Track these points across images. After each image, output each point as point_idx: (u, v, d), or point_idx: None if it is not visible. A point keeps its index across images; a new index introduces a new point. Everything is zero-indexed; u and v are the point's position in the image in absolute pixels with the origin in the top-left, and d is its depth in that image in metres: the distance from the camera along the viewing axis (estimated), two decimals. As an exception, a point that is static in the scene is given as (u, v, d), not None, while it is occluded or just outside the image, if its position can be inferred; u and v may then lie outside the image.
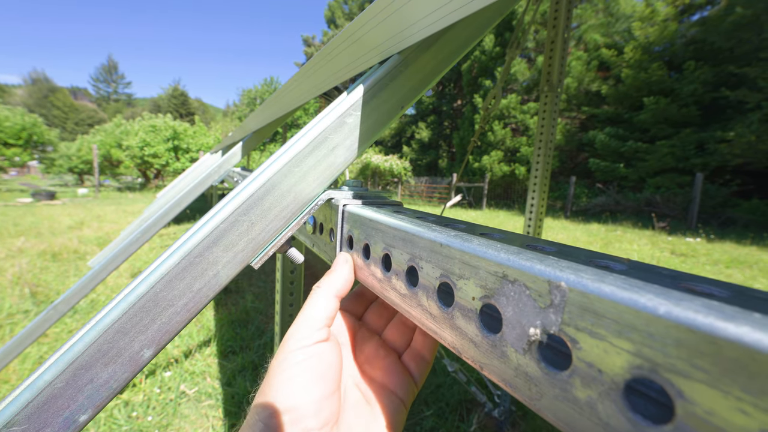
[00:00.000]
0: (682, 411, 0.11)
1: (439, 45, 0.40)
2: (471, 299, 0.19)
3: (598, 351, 0.13)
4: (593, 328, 0.13)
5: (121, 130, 18.52)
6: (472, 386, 1.68)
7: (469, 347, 0.19)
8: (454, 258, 0.20)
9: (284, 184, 0.33)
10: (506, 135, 15.61)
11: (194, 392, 2.03)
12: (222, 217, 0.31)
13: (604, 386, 0.13)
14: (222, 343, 2.57)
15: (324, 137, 0.35)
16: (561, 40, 1.56)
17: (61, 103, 49.48)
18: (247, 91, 35.03)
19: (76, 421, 0.29)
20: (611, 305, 0.13)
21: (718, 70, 10.36)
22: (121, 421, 1.77)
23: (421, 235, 0.23)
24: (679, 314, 0.11)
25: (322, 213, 0.40)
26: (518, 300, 0.16)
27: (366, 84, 0.37)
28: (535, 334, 0.15)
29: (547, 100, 1.64)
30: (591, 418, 0.13)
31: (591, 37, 14.12)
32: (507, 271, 0.17)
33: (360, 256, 0.32)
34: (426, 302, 0.22)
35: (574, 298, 0.14)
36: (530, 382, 0.16)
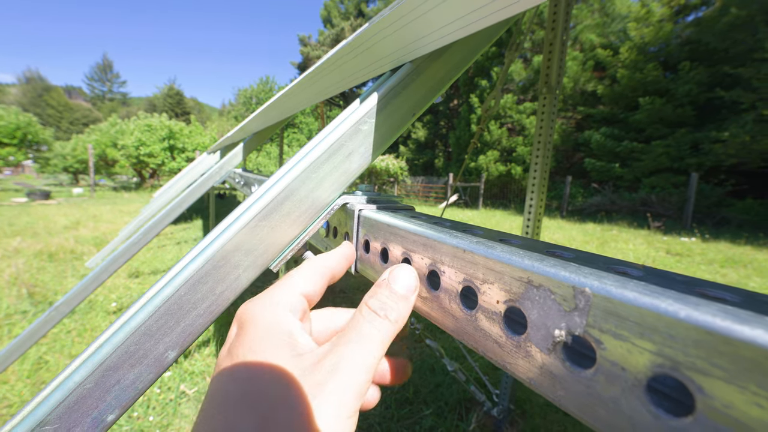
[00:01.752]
0: (702, 405, 0.12)
1: (450, 54, 0.41)
2: (495, 303, 0.20)
3: (621, 351, 0.14)
4: (617, 330, 0.14)
5: (117, 130, 18.41)
6: (471, 385, 1.69)
7: (493, 347, 0.20)
8: (477, 264, 0.21)
9: (302, 189, 0.34)
10: (502, 135, 15.67)
11: (194, 392, 2.04)
12: (243, 222, 0.32)
13: (628, 383, 0.14)
14: (221, 344, 2.57)
15: (340, 144, 0.36)
16: (560, 42, 1.58)
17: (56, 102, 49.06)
18: (243, 91, 34.91)
19: (104, 421, 0.30)
20: (634, 309, 0.14)
21: (713, 71, 10.46)
22: (121, 421, 1.77)
23: (443, 241, 0.24)
24: (698, 318, 0.12)
25: (336, 217, 0.41)
26: (543, 304, 0.17)
27: (380, 92, 0.38)
28: (560, 335, 0.16)
29: (545, 102, 1.66)
30: (615, 412, 0.14)
31: (587, 37, 14.21)
32: (532, 276, 0.18)
33: (378, 261, 0.33)
34: (448, 305, 0.23)
35: (598, 303, 0.15)
36: (555, 380, 0.17)
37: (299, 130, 27.81)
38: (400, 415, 1.88)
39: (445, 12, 0.32)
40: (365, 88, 0.43)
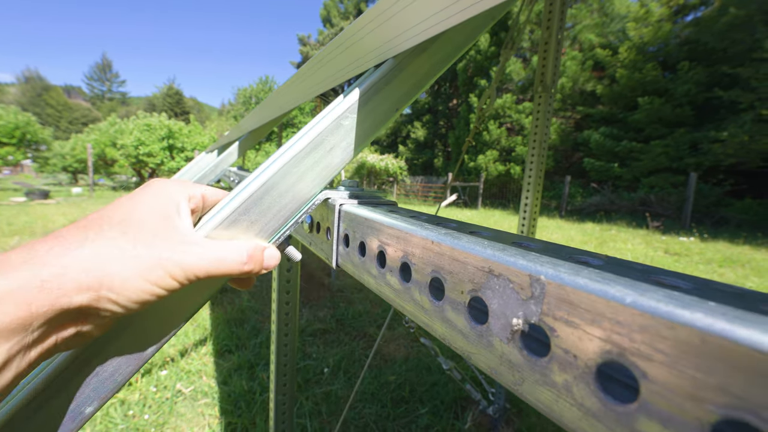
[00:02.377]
0: (646, 390, 0.12)
1: (433, 49, 0.41)
2: (460, 293, 0.20)
3: (573, 338, 0.14)
4: (569, 317, 0.14)
5: (116, 129, 18.38)
6: (467, 384, 1.69)
7: (458, 338, 0.20)
8: (444, 254, 0.21)
9: (283, 184, 0.34)
10: (501, 134, 15.67)
11: (190, 391, 2.04)
12: (224, 216, 0.32)
13: (579, 370, 0.14)
14: (218, 342, 2.57)
15: (321, 139, 0.36)
16: (555, 42, 1.58)
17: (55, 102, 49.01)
18: (243, 90, 34.88)
19: (82, 413, 0.30)
20: (585, 296, 0.14)
21: (711, 71, 10.46)
22: (117, 420, 1.77)
23: (414, 233, 0.24)
24: (643, 303, 0.12)
25: (319, 212, 0.41)
26: (503, 293, 0.17)
27: (362, 87, 0.38)
28: (517, 324, 0.16)
29: (541, 101, 1.66)
30: (567, 399, 0.14)
31: (586, 37, 14.21)
32: (492, 266, 0.18)
33: (356, 255, 0.33)
34: (419, 296, 0.23)
35: (552, 291, 0.15)
36: (513, 369, 0.17)
37: (298, 129, 27.73)
38: (396, 413, 1.88)
39: (424, 5, 0.32)
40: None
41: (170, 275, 0.26)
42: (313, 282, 3.93)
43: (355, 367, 2.30)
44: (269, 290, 3.58)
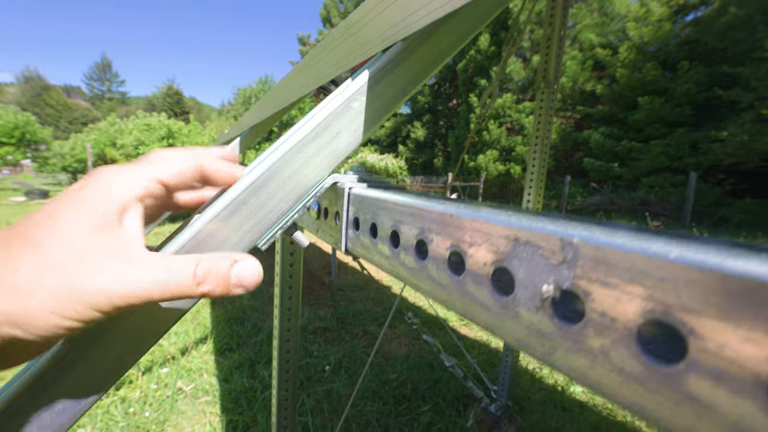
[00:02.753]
0: (694, 348, 0.11)
1: (441, 33, 0.41)
2: (482, 265, 0.19)
3: (610, 300, 0.14)
4: (606, 278, 0.14)
5: (116, 129, 18.33)
6: (469, 382, 1.69)
7: (480, 312, 0.19)
8: (464, 227, 0.20)
9: (289, 167, 0.34)
10: (501, 134, 15.67)
11: (191, 389, 2.03)
12: (231, 197, 0.31)
13: (617, 334, 0.13)
14: (218, 341, 2.56)
15: (328, 122, 0.35)
16: (557, 37, 1.57)
17: (55, 102, 48.96)
18: (242, 90, 34.85)
19: (86, 399, 0.29)
20: (623, 255, 0.13)
21: (711, 70, 10.47)
22: (117, 417, 1.76)
23: (431, 209, 0.23)
24: (690, 256, 0.12)
25: (327, 198, 0.40)
26: (530, 260, 0.17)
27: (371, 69, 0.37)
28: (548, 291, 0.16)
29: (543, 97, 1.65)
30: (605, 365, 0.14)
31: (586, 36, 14.22)
32: (519, 233, 0.17)
33: (367, 237, 0.32)
34: (436, 273, 0.23)
35: (586, 253, 0.14)
36: (543, 338, 0.16)
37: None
38: (398, 411, 1.87)
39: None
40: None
41: (92, 307, 0.22)
42: (313, 281, 3.92)
43: (356, 365, 2.29)
44: (269, 289, 3.58)
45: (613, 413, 1.92)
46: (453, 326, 2.91)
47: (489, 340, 2.69)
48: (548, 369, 2.31)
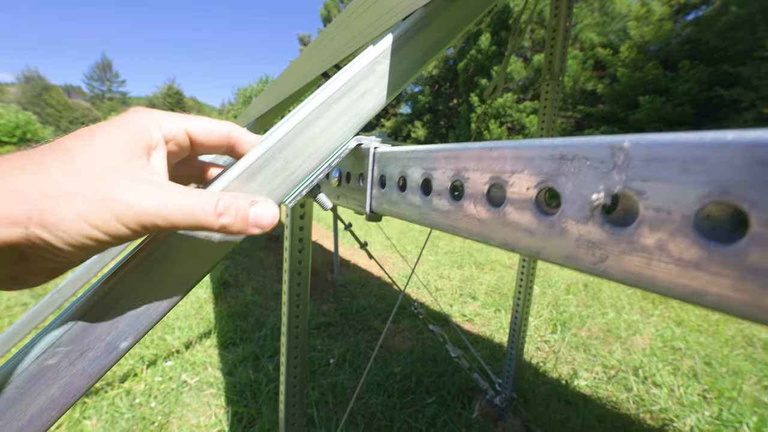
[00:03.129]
0: (756, 221, 0.12)
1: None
2: (525, 190, 0.20)
3: (665, 193, 0.14)
4: (660, 173, 0.14)
5: (116, 128, 18.37)
6: (474, 373, 1.69)
7: (522, 237, 0.20)
8: (505, 157, 0.21)
9: (317, 125, 0.34)
10: (502, 134, 15.66)
11: (196, 381, 2.03)
12: (258, 153, 0.32)
13: (674, 224, 0.14)
14: (222, 335, 2.57)
15: (355, 82, 0.36)
16: (563, 29, 1.58)
17: (55, 102, 49.01)
18: (243, 90, 34.92)
19: (118, 347, 0.30)
20: (678, 147, 0.14)
21: (712, 70, 10.47)
22: (123, 409, 1.76)
23: (467, 148, 0.24)
24: (746, 136, 0.12)
25: (350, 161, 0.41)
26: (578, 173, 0.17)
27: (395, 33, 0.38)
28: (598, 198, 0.16)
29: (548, 89, 1.65)
30: (662, 259, 0.14)
31: (586, 36, 14.22)
32: (565, 151, 0.18)
33: (395, 192, 0.33)
34: (474, 210, 0.23)
35: (638, 153, 0.15)
36: (594, 248, 0.16)
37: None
38: (403, 403, 1.88)
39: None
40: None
41: (118, 219, 0.22)
42: (316, 277, 3.93)
43: (360, 359, 2.29)
44: (272, 285, 3.58)
45: (617, 406, 1.93)
46: (456, 322, 2.91)
47: (492, 335, 2.69)
48: (552, 363, 2.31)
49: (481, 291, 3.61)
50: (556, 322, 2.90)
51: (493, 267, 4.48)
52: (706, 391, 2.07)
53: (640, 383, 2.12)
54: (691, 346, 2.59)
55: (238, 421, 1.74)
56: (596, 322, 2.96)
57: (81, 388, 0.29)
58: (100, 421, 1.71)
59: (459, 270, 4.34)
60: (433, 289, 3.64)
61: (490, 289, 3.69)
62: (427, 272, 4.23)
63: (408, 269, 4.23)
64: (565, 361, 2.36)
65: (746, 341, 2.67)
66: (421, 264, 4.56)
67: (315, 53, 0.67)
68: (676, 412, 1.88)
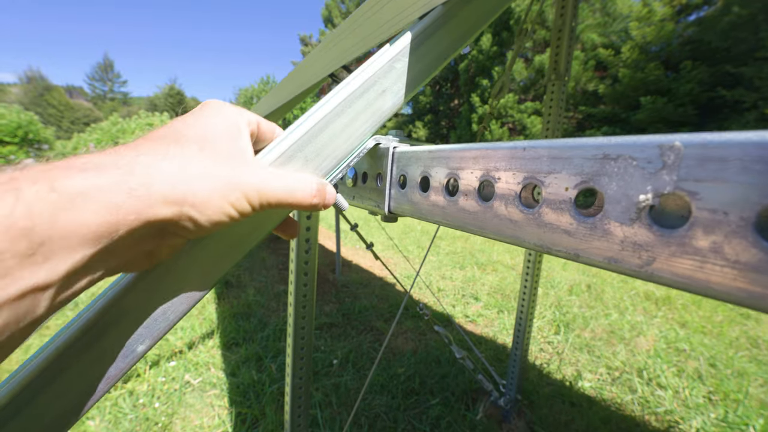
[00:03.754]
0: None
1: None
2: (564, 191, 0.19)
3: (722, 194, 0.14)
4: (716, 173, 0.14)
5: (118, 129, 18.41)
6: (478, 374, 1.68)
7: (561, 239, 0.19)
8: (541, 157, 0.20)
9: (337, 123, 0.34)
10: (504, 135, 15.66)
11: (198, 382, 2.03)
12: (280, 151, 0.31)
13: (731, 226, 0.13)
14: (225, 335, 2.57)
15: (374, 80, 0.35)
16: (568, 28, 1.57)
17: (57, 102, 49.12)
18: (244, 90, 34.96)
19: (135, 351, 0.30)
20: (735, 147, 0.13)
21: (714, 70, 10.45)
22: (126, 410, 1.76)
23: (498, 148, 0.23)
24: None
25: (366, 161, 0.40)
26: (623, 174, 0.17)
27: (413, 31, 0.37)
28: (645, 199, 0.16)
29: (554, 89, 1.65)
30: (717, 262, 0.14)
31: (588, 36, 14.21)
32: (608, 150, 0.17)
33: (416, 192, 0.32)
34: (505, 211, 0.23)
35: (690, 153, 0.14)
36: (640, 250, 0.16)
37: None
38: (407, 404, 1.87)
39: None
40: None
41: (247, 198, 0.26)
42: (318, 277, 3.92)
43: (363, 360, 2.29)
44: (274, 285, 3.58)
45: (622, 407, 1.92)
46: (459, 322, 2.90)
47: (495, 336, 2.68)
48: (556, 364, 2.31)
49: (483, 292, 3.60)
50: (560, 323, 2.89)
51: (495, 268, 4.47)
52: (712, 393, 2.06)
53: (645, 385, 2.12)
54: (695, 347, 2.58)
55: (241, 422, 1.74)
56: (600, 323, 2.95)
57: (98, 391, 0.29)
58: (103, 422, 1.70)
59: (461, 271, 4.34)
60: (436, 290, 3.64)
61: (492, 289, 3.69)
62: (430, 273, 4.23)
63: (410, 269, 4.23)
64: (569, 362, 2.35)
65: (751, 343, 2.66)
66: (423, 264, 4.55)
67: (323, 54, 0.67)
68: (682, 414, 1.87)
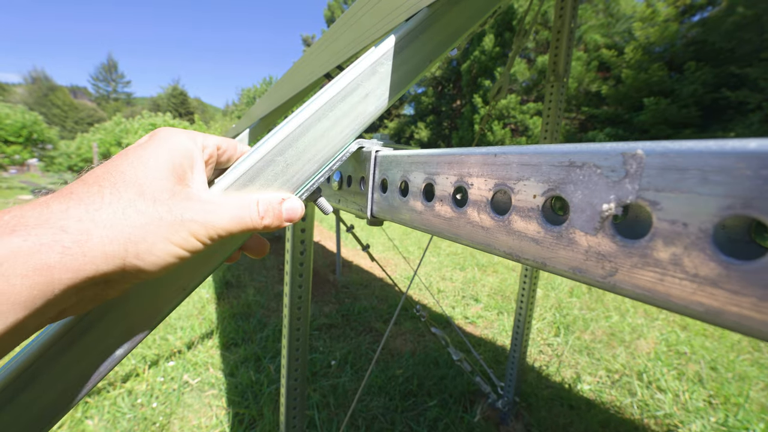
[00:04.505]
0: (781, 237, 0.11)
1: (470, 0, 0.40)
2: (532, 197, 0.19)
3: (682, 205, 0.13)
4: (676, 183, 0.13)
5: (121, 129, 18.50)
6: (476, 376, 1.67)
7: (529, 247, 0.19)
8: (511, 164, 0.20)
9: (318, 127, 0.33)
10: (505, 135, 15.63)
11: (197, 382, 2.03)
12: (258, 156, 0.31)
13: (690, 238, 0.13)
14: (224, 335, 2.57)
15: (357, 84, 0.35)
16: (567, 29, 1.57)
17: (61, 102, 49.42)
18: (246, 91, 35.07)
19: (113, 355, 0.29)
20: (695, 157, 0.13)
21: (718, 71, 10.39)
22: (124, 409, 1.76)
23: (471, 153, 0.23)
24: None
25: (351, 165, 0.40)
26: (588, 182, 0.16)
27: (397, 34, 0.37)
28: (608, 209, 0.15)
29: (553, 91, 1.64)
30: (676, 274, 0.13)
31: (591, 37, 14.16)
32: (574, 158, 0.17)
33: (396, 196, 0.32)
34: (477, 217, 0.22)
35: (652, 162, 0.14)
36: (603, 260, 0.16)
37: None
38: (404, 406, 1.87)
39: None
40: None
41: (194, 236, 0.25)
42: (318, 278, 3.92)
43: (361, 361, 2.28)
44: (274, 285, 3.58)
45: (621, 411, 1.91)
46: (458, 324, 2.89)
47: (494, 337, 2.67)
48: (555, 366, 2.30)
49: (483, 293, 3.59)
50: (560, 325, 2.88)
51: (495, 269, 4.46)
52: (712, 396, 2.04)
53: (645, 388, 2.10)
54: (696, 350, 2.56)
55: (239, 423, 1.74)
56: (600, 325, 2.94)
57: (78, 393, 0.29)
58: (101, 421, 1.71)
59: (461, 272, 4.33)
60: (436, 291, 3.63)
61: (492, 291, 3.67)
62: (430, 274, 4.22)
63: (410, 271, 4.22)
64: (568, 364, 2.34)
65: (752, 346, 2.64)
66: (423, 265, 4.55)
67: (318, 54, 0.67)
68: (681, 418, 1.86)
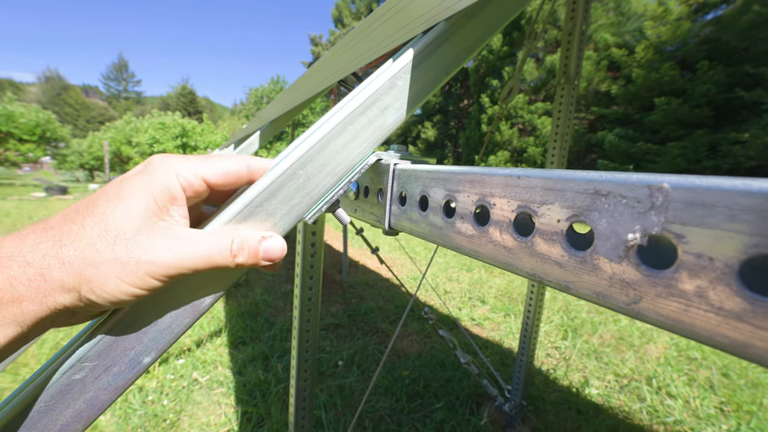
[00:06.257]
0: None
1: (485, 13, 0.41)
2: (556, 222, 0.19)
3: (708, 240, 0.14)
4: (702, 219, 0.14)
5: (131, 128, 18.75)
6: (483, 379, 1.67)
7: (552, 270, 0.20)
8: (535, 187, 0.20)
9: (339, 140, 0.34)
10: (513, 135, 15.53)
11: (206, 380, 2.06)
12: (281, 170, 0.32)
13: (716, 272, 0.13)
14: (232, 334, 2.60)
15: (376, 98, 0.36)
16: (579, 32, 1.55)
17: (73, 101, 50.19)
18: (254, 90, 35.29)
19: (141, 362, 0.30)
20: (722, 194, 0.13)
21: (732, 70, 10.21)
22: (135, 406, 1.79)
23: (494, 174, 0.23)
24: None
25: (368, 176, 0.41)
26: (613, 211, 0.17)
27: (416, 48, 0.38)
28: (634, 239, 0.16)
29: (563, 93, 1.63)
30: (701, 307, 0.14)
31: (601, 36, 14.00)
32: (599, 186, 0.17)
33: (415, 210, 0.32)
34: (499, 237, 0.23)
35: (678, 196, 0.14)
36: (627, 288, 0.16)
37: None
38: (411, 407, 1.87)
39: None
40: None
41: (150, 275, 0.26)
42: (324, 278, 3.94)
43: (368, 362, 2.29)
44: (282, 285, 3.61)
45: (630, 416, 1.89)
46: (465, 326, 2.89)
47: (501, 340, 2.67)
48: (562, 370, 2.28)
49: (490, 295, 3.58)
50: (567, 328, 2.86)
51: (502, 271, 4.44)
52: (724, 403, 2.01)
53: (654, 393, 2.08)
54: (707, 356, 2.53)
55: (247, 421, 1.76)
56: (608, 329, 2.91)
57: (105, 402, 0.30)
58: (113, 417, 1.74)
59: (468, 273, 4.32)
60: (442, 292, 3.63)
61: (499, 293, 3.66)
62: (436, 275, 4.22)
63: (417, 271, 4.22)
64: (576, 368, 2.32)
65: (765, 352, 2.60)
66: (430, 266, 4.55)
67: (334, 60, 0.68)
68: (692, 425, 1.84)
